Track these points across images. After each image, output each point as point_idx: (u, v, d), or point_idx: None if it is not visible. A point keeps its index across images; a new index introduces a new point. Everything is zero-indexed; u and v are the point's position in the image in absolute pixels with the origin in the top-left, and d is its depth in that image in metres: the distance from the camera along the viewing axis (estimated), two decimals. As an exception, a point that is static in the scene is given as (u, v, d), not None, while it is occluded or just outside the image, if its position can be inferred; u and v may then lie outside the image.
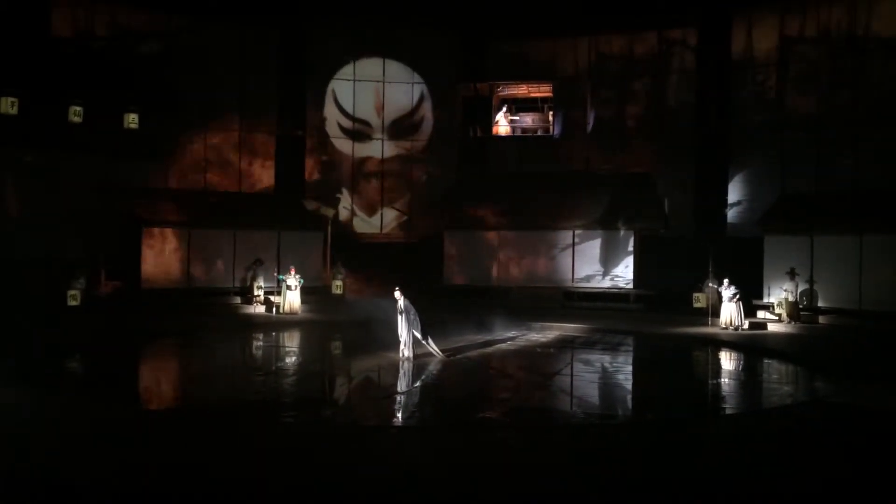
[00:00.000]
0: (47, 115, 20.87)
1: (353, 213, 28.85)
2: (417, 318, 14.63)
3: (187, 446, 8.26)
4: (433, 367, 14.37)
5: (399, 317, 14.61)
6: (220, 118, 26.86)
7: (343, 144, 28.96)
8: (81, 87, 21.55)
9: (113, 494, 6.66)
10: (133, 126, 21.91)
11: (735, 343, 17.55)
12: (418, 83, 29.07)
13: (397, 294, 14.69)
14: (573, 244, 24.61)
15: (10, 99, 19.50)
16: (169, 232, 22.70)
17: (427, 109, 29.16)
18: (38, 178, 21.51)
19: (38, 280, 19.63)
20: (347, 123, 28.87)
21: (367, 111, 28.96)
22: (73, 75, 21.71)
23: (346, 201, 28.61)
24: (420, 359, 14.62)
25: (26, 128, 20.49)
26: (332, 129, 28.87)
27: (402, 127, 29.14)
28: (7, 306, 17.88)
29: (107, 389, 12.51)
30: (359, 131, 28.92)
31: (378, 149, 29.04)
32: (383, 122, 28.95)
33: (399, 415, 11.32)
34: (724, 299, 19.17)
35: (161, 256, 22.55)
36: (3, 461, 7.49)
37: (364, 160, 29.11)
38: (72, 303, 19.31)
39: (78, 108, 20.80)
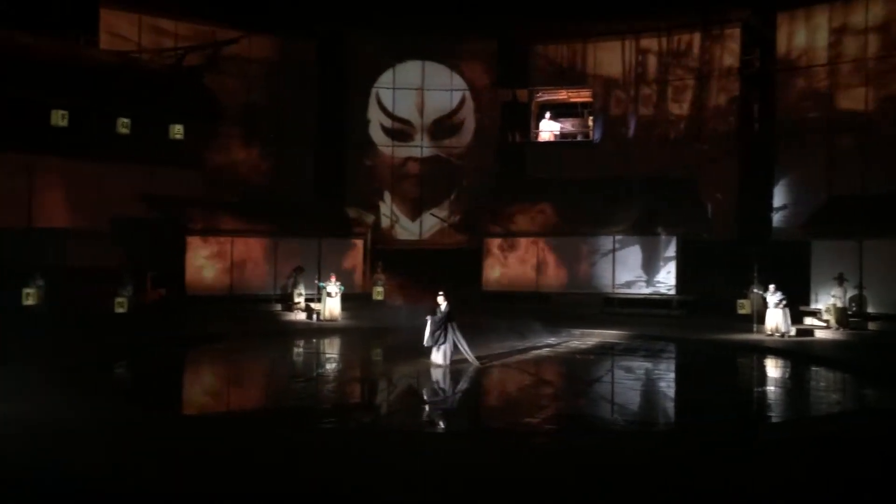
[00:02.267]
0: (96, 126, 21.44)
1: (393, 220, 29.00)
2: (454, 326, 14.62)
3: (228, 451, 8.35)
4: (471, 374, 14.34)
5: (432, 322, 14.63)
6: (262, 127, 27.30)
7: (383, 151, 29.16)
8: (129, 98, 22.07)
9: (156, 497, 6.77)
10: (178, 136, 22.37)
11: (781, 350, 17.16)
12: (457, 89, 29.12)
13: (440, 300, 14.69)
14: (614, 250, 24.37)
15: (61, 111, 20.06)
16: (212, 240, 23.06)
17: (468, 114, 29.20)
18: (87, 188, 22.05)
19: (87, 287, 20.10)
20: (388, 129, 29.06)
21: (407, 115, 29.13)
22: (121, 87, 22.24)
23: (386, 208, 28.78)
24: (456, 365, 14.60)
25: (76, 139, 21.05)
26: (372, 134, 29.09)
27: (442, 132, 29.23)
28: (58, 313, 18.41)
29: (152, 395, 12.73)
30: (399, 136, 29.09)
31: (418, 155, 29.18)
32: (423, 127, 29.08)
33: (438, 421, 11.31)
34: (769, 305, 18.77)
35: (204, 264, 22.92)
36: (52, 464, 7.66)
37: (404, 166, 29.26)
38: (119, 310, 19.72)
39: (126, 120, 21.30)
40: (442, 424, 11.20)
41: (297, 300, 22.44)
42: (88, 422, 9.56)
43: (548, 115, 28.73)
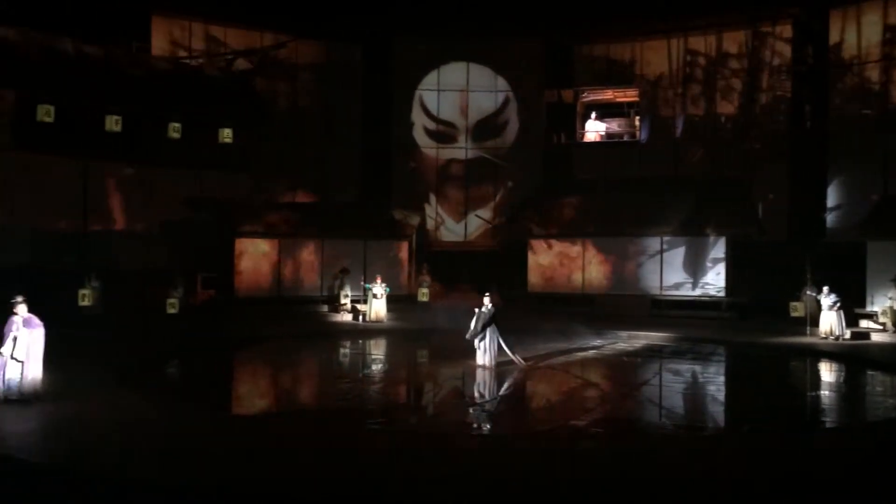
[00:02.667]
0: (148, 131, 21.94)
1: (438, 221, 29.07)
2: (496, 328, 14.59)
3: (275, 449, 8.46)
4: (516, 376, 14.29)
5: (477, 323, 14.59)
6: (308, 130, 27.65)
7: (428, 153, 29.28)
8: (179, 103, 22.53)
9: (206, 494, 6.89)
10: (227, 140, 22.72)
11: (836, 353, 16.72)
12: (501, 90, 29.09)
13: (486, 300, 14.67)
14: (661, 250, 24.00)
15: (115, 117, 20.53)
16: (260, 242, 23.39)
17: (512, 115, 29.14)
18: (139, 192, 22.59)
19: (140, 289, 20.59)
20: (432, 131, 29.17)
21: (451, 117, 29.21)
22: (172, 93, 22.71)
23: (431, 209, 28.85)
24: (501, 367, 14.56)
25: (129, 144, 21.57)
26: (417, 136, 29.23)
27: (485, 133, 29.23)
28: (112, 314, 18.89)
29: (202, 394, 12.95)
30: (443, 138, 29.18)
31: (462, 156, 29.23)
32: (467, 128, 29.11)
33: (483, 423, 11.29)
34: (823, 308, 18.31)
35: (252, 266, 23.25)
36: (106, 462, 7.86)
37: (449, 168, 29.32)
38: (170, 311, 20.10)
39: (176, 125, 21.72)
40: (487, 426, 11.17)
41: (343, 302, 22.63)
42: (142, 419, 9.78)
43: (593, 115, 28.44)
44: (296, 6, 25.92)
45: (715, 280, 23.32)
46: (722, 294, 23.15)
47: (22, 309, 10.30)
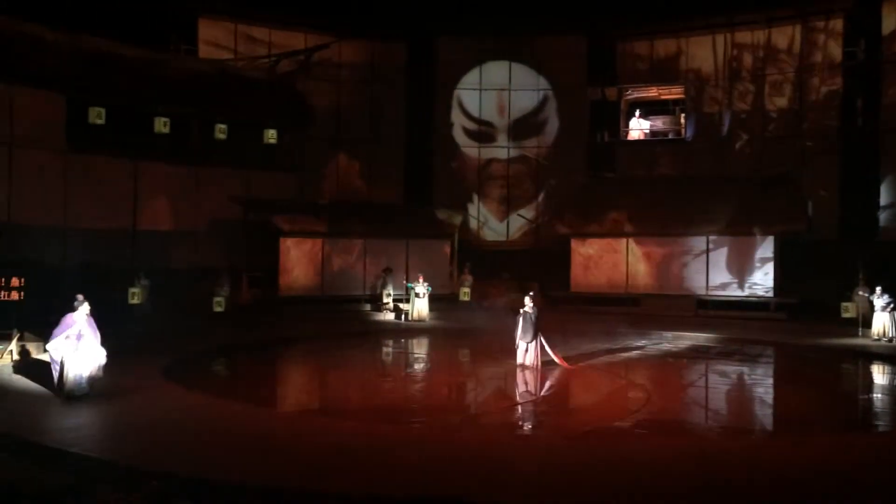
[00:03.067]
0: (195, 132, 22.36)
1: (479, 221, 29.06)
2: (536, 327, 14.52)
3: (318, 447, 8.54)
4: (559, 376, 14.20)
5: (522, 323, 14.54)
6: (351, 130, 27.89)
7: (470, 152, 29.29)
8: (225, 105, 22.92)
9: (252, 490, 6.99)
10: (272, 141, 23.09)
11: (889, 356, 16.25)
12: (543, 89, 28.95)
13: (528, 300, 14.61)
14: (707, 250, 23.62)
15: (164, 119, 21.02)
16: (304, 241, 23.63)
17: (554, 113, 28.98)
18: (187, 192, 23.03)
19: (187, 287, 20.99)
20: (473, 129, 29.17)
21: (493, 116, 29.19)
22: (218, 94, 23.13)
23: (473, 209, 28.86)
24: (543, 367, 14.48)
25: (177, 145, 22.03)
26: (458, 136, 29.26)
27: (527, 132, 29.14)
28: (160, 311, 19.30)
29: (247, 391, 13.11)
30: (484, 137, 29.17)
31: (504, 155, 29.18)
32: (509, 127, 29.05)
33: (526, 423, 11.25)
34: (876, 308, 17.83)
35: (297, 265, 23.51)
36: (152, 456, 8.02)
37: (491, 167, 29.28)
38: (217, 309, 20.46)
39: (223, 126, 22.14)
40: (530, 426, 11.13)
41: (385, 301, 22.76)
42: (185, 414, 9.97)
43: (637, 112, 28.20)
44: (339, 6, 26.14)
45: (763, 280, 22.87)
46: (770, 294, 22.69)
47: (84, 308, 10.67)
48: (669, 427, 11.07)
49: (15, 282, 15.44)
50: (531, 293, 14.75)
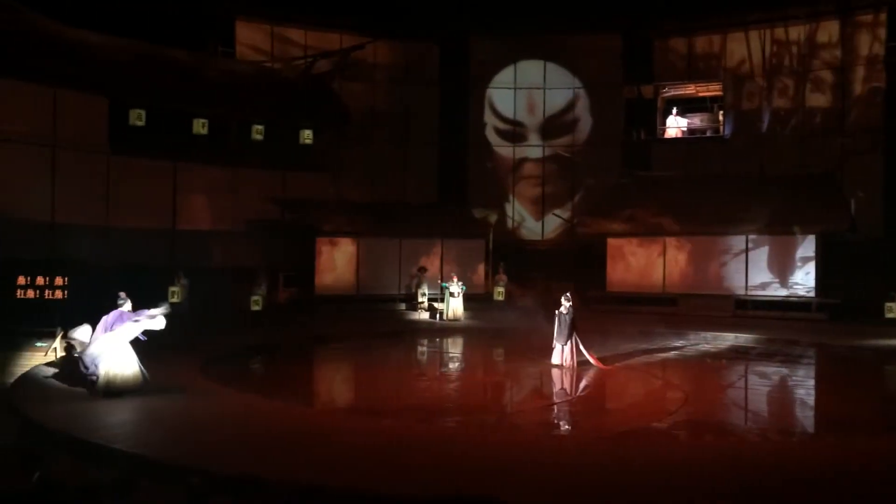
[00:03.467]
0: (233, 133, 22.65)
1: (514, 220, 28.98)
2: (571, 328, 14.44)
3: (354, 445, 8.59)
4: (594, 376, 14.10)
5: (558, 324, 14.48)
6: (386, 129, 28.01)
7: (503, 151, 29.23)
8: (262, 106, 23.18)
9: (290, 488, 7.05)
10: (307, 141, 23.31)
11: (936, 357, 15.87)
12: (577, 87, 28.77)
13: (564, 300, 14.53)
14: (746, 249, 23.22)
15: (201, 120, 21.34)
16: (340, 241, 23.77)
17: (589, 111, 28.77)
18: (225, 192, 23.32)
19: (226, 286, 21.26)
20: (506, 128, 29.11)
21: (525, 115, 29.11)
22: (255, 96, 23.39)
23: (507, 208, 28.77)
24: (579, 367, 14.39)
25: (215, 146, 22.33)
26: (492, 135, 29.23)
27: (562, 131, 28.99)
28: (199, 310, 19.57)
29: (286, 388, 13.24)
30: (518, 136, 29.09)
31: (538, 154, 29.07)
32: (542, 126, 28.92)
33: (561, 423, 11.19)
34: (921, 309, 17.41)
35: (332, 264, 23.68)
36: (192, 453, 8.14)
37: (525, 166, 29.19)
38: (254, 307, 20.72)
39: (259, 127, 22.43)
40: (566, 427, 11.07)
41: (420, 300, 22.81)
42: (222, 412, 10.10)
43: (675, 110, 27.88)
44: (374, 7, 26.27)
45: (804, 280, 22.41)
46: (811, 294, 22.25)
47: (126, 305, 10.92)
48: (707, 428, 10.92)
49: (59, 281, 15.81)
50: (567, 294, 14.66)
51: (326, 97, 25.60)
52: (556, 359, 14.55)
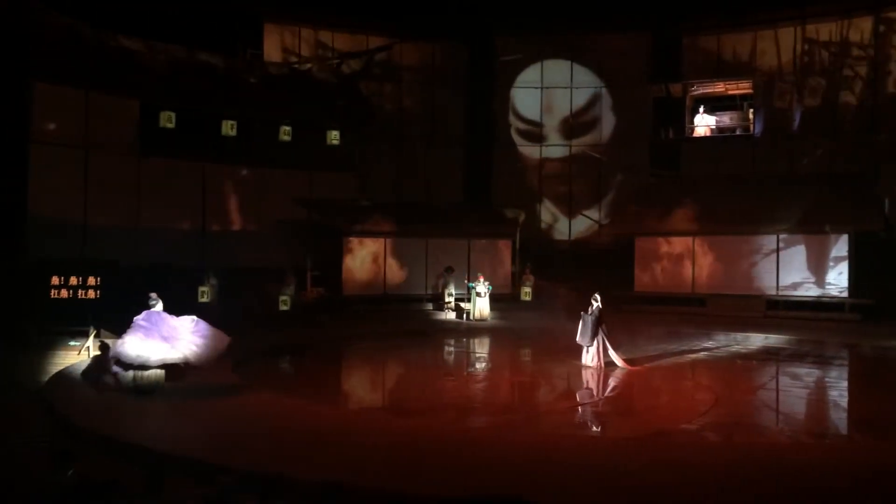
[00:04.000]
0: (261, 134, 22.84)
1: (541, 220, 28.86)
2: (603, 328, 14.33)
3: (383, 445, 8.61)
4: (623, 377, 13.99)
5: (582, 325, 14.40)
6: (412, 129, 28.07)
7: (529, 151, 29.15)
8: (290, 107, 23.35)
9: (322, 486, 7.07)
10: (335, 142, 23.43)
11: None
12: (604, 86, 28.59)
13: (593, 301, 14.42)
14: (777, 249, 22.90)
15: (230, 122, 21.55)
16: (366, 241, 23.85)
17: (613, 110, 28.57)
18: (254, 193, 23.52)
19: (254, 286, 21.43)
20: (533, 127, 29.01)
21: (551, 114, 28.99)
22: (283, 97, 23.57)
23: (534, 207, 28.64)
24: (606, 368, 14.30)
25: (243, 147, 22.53)
26: (518, 134, 29.15)
27: (588, 130, 28.82)
28: (229, 310, 19.74)
29: (315, 388, 13.32)
30: (544, 135, 28.97)
31: (564, 153, 28.94)
32: (569, 124, 28.77)
33: (589, 424, 11.12)
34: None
35: (360, 264, 23.76)
36: (223, 451, 8.21)
37: (552, 166, 29.07)
38: (282, 307, 20.88)
39: (287, 128, 22.60)
40: (594, 428, 11.00)
41: (447, 300, 22.81)
42: (249, 411, 10.18)
43: (703, 108, 27.58)
44: (401, 9, 26.33)
45: (837, 280, 22.04)
46: (844, 295, 21.86)
47: (158, 306, 11.13)
48: (738, 430, 10.78)
49: (91, 281, 16.07)
50: (596, 295, 14.53)
51: (353, 98, 25.72)
52: (584, 359, 14.47)
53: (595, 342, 14.33)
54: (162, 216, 21.38)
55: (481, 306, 21.35)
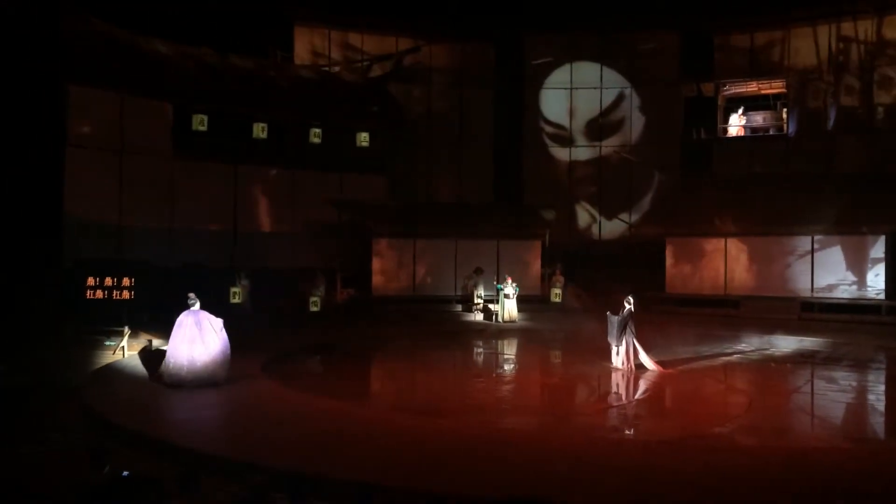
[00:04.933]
0: (291, 136, 23.04)
1: (570, 221, 28.69)
2: (632, 329, 14.20)
3: (412, 445, 8.62)
4: (654, 379, 13.85)
5: (609, 326, 14.31)
6: (441, 131, 28.09)
7: (558, 152, 29.02)
8: (320, 109, 23.51)
9: (353, 486, 7.11)
10: (364, 144, 23.56)
11: None
12: (634, 86, 28.34)
13: (626, 303, 14.29)
14: (812, 250, 22.54)
15: (261, 124, 21.78)
16: (396, 242, 23.92)
17: (644, 110, 28.31)
18: (284, 194, 23.70)
19: (285, 287, 21.60)
20: (562, 128, 28.87)
21: (581, 114, 28.83)
22: (313, 99, 23.74)
23: (563, 208, 28.45)
24: (637, 370, 14.16)
25: (273, 149, 22.74)
26: (547, 135, 29.02)
27: (617, 129, 28.60)
28: (260, 310, 19.93)
29: (344, 388, 13.36)
30: (573, 136, 28.81)
31: (594, 154, 28.74)
32: (598, 124, 28.56)
33: (620, 426, 11.03)
34: None
35: (389, 265, 23.85)
36: (254, 450, 8.28)
37: (580, 166, 28.89)
38: (313, 308, 21.02)
39: (317, 130, 22.76)
40: (626, 430, 10.90)
41: (476, 301, 22.79)
42: (289, 411, 10.24)
43: (737, 109, 27.27)
44: (430, 10, 26.38)
45: (874, 282, 21.64)
46: (881, 297, 21.46)
47: (196, 306, 11.49)
48: (772, 434, 10.59)
49: (126, 281, 16.32)
50: (630, 297, 14.40)
51: (383, 99, 25.83)
52: (614, 361, 14.37)
53: (624, 343, 14.21)
54: (194, 217, 21.64)
55: (510, 308, 21.30)
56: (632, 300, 14.32)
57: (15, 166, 15.87)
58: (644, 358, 14.26)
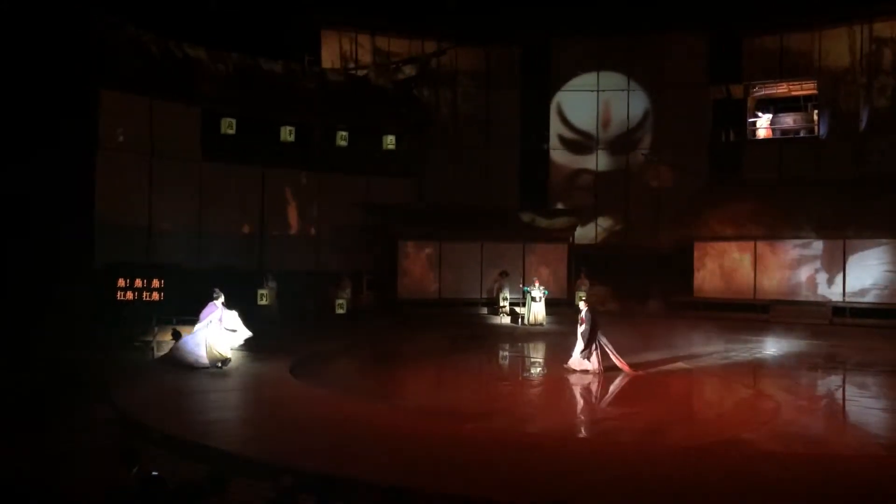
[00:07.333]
0: (318, 140, 23.19)
1: (597, 224, 28.50)
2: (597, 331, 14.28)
3: (438, 447, 8.62)
4: (683, 384, 13.72)
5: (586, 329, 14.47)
6: (467, 134, 28.09)
7: (586, 154, 28.80)
8: (346, 112, 23.64)
9: (379, 488, 7.14)
10: (391, 147, 23.64)
11: None
12: (662, 88, 28.07)
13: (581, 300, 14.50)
14: (844, 254, 22.20)
15: (288, 128, 21.95)
16: (422, 245, 23.97)
17: (672, 113, 27.98)
18: (309, 198, 23.85)
19: (311, 290, 21.74)
20: (589, 131, 28.63)
21: (608, 117, 28.56)
22: (340, 102, 23.87)
23: (589, 211, 28.29)
24: (663, 375, 14.04)
25: (301, 152, 22.89)
26: (573, 138, 28.85)
27: (644, 132, 28.32)
28: (287, 313, 20.09)
29: (371, 390, 13.42)
30: (600, 139, 28.60)
31: (621, 156, 28.49)
32: (625, 127, 28.32)
33: (647, 431, 10.93)
34: None
35: (415, 268, 23.90)
36: (282, 451, 8.34)
37: (607, 169, 28.64)
38: (339, 311, 21.12)
39: (344, 133, 22.89)
40: (650, 435, 10.80)
41: (502, 304, 22.74)
42: (316, 413, 10.30)
43: (767, 110, 26.93)
44: (456, 13, 26.39)
45: (907, 286, 21.25)
46: (915, 302, 21.07)
47: (220, 299, 12.56)
48: (801, 440, 10.45)
49: (156, 283, 16.53)
50: (581, 294, 14.61)
51: (409, 103, 25.90)
52: (577, 363, 14.65)
53: (593, 346, 14.26)
54: (222, 220, 21.83)
55: (536, 311, 21.23)
56: (583, 298, 14.46)
57: (48, 170, 16.17)
58: (613, 359, 14.34)
